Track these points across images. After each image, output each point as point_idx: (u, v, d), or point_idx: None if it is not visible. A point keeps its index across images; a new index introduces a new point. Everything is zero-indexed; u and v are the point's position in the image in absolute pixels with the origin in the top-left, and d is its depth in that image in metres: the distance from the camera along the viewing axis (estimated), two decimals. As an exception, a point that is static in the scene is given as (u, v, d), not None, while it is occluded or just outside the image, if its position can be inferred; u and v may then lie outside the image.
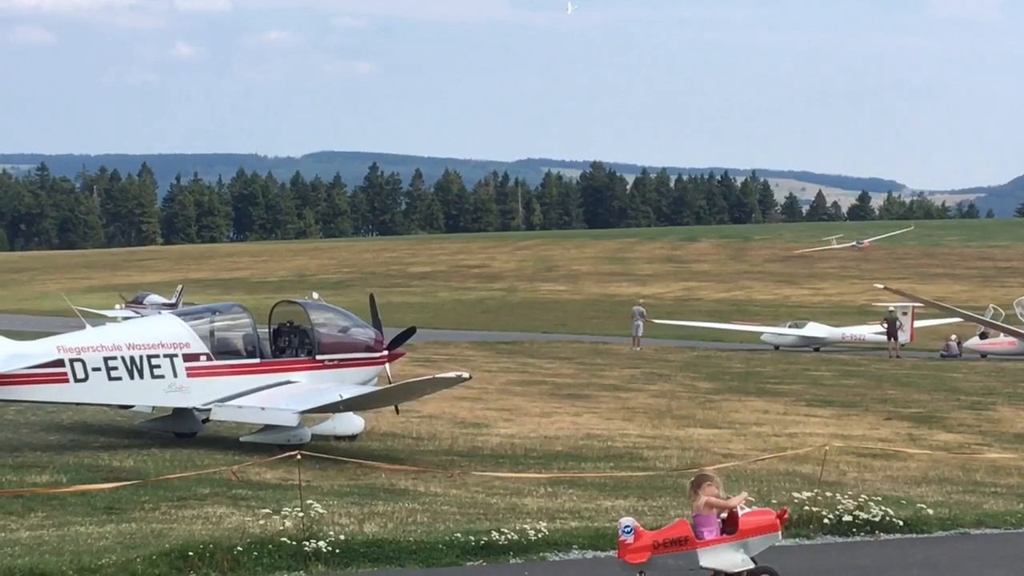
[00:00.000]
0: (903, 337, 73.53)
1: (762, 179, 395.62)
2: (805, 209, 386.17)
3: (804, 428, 37.89)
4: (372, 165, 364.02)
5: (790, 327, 78.75)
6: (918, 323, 76.81)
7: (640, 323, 74.59)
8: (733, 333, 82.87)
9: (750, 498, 19.98)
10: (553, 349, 71.18)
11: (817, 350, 75.07)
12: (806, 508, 21.27)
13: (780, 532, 16.93)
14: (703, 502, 16.23)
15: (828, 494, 21.97)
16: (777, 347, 76.05)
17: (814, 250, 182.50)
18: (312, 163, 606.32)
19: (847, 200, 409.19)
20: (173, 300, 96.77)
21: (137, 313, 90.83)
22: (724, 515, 16.40)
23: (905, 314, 74.32)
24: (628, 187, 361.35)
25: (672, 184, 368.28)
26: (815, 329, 77.68)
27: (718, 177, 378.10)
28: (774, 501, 21.77)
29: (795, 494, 22.07)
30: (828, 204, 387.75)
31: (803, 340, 76.40)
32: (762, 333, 79.22)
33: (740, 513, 16.44)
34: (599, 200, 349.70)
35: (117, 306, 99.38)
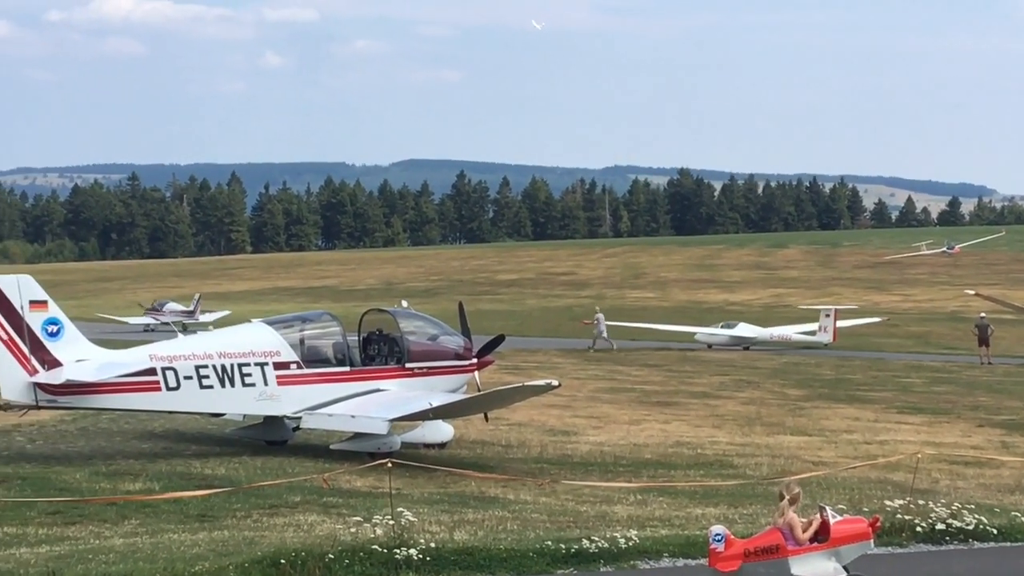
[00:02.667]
0: (825, 338, 75.70)
1: (851, 185, 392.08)
2: (894, 215, 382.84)
3: (895, 435, 37.63)
4: (459, 173, 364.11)
5: (722, 327, 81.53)
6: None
7: (603, 328, 75.75)
8: (672, 333, 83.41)
9: (841, 505, 19.90)
10: (641, 356, 71.01)
11: (747, 348, 77.39)
12: (898, 516, 21.16)
13: (872, 540, 16.87)
14: (787, 520, 16.22)
15: (920, 502, 21.84)
16: (710, 346, 78.79)
17: (904, 256, 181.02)
18: (400, 171, 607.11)
19: (937, 206, 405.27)
20: (191, 308, 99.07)
21: (156, 320, 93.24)
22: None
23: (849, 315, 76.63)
24: (716, 194, 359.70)
25: (760, 190, 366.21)
26: (745, 329, 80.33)
27: (806, 183, 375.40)
28: (866, 509, 21.63)
29: (887, 502, 21.96)
30: (918, 210, 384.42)
31: (734, 340, 79.08)
32: (695, 333, 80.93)
33: (832, 521, 16.40)
34: (687, 207, 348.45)
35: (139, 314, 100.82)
